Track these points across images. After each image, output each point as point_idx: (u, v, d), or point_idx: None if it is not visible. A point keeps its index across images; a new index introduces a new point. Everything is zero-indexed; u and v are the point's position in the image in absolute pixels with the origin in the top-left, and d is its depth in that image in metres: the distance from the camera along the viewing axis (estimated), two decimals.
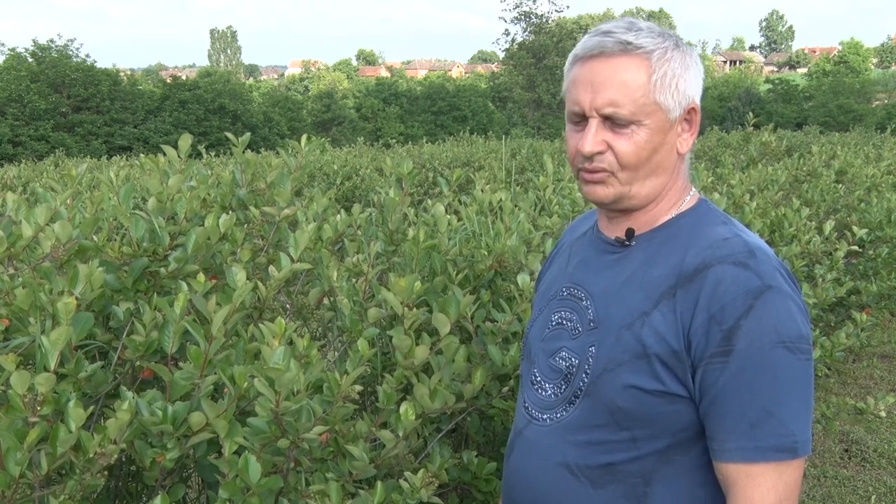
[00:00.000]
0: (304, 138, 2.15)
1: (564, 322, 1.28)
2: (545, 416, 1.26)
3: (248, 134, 2.15)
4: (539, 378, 1.29)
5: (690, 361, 1.12)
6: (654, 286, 1.17)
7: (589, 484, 1.19)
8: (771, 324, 1.08)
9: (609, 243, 1.27)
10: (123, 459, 1.68)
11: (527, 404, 1.31)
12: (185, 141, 1.95)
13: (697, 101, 1.20)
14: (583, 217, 1.47)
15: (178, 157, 1.96)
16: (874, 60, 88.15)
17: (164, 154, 1.98)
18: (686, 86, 1.17)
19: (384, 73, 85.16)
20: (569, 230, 1.48)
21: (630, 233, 1.23)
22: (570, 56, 1.21)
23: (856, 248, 3.93)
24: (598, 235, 1.31)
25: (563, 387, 1.24)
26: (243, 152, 2.10)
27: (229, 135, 2.24)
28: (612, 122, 1.15)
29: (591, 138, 1.16)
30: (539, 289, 1.44)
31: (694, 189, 1.27)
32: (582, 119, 1.18)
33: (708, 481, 1.16)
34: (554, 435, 1.24)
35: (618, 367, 1.16)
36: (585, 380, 1.20)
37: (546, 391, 1.27)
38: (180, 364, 1.44)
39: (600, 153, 1.17)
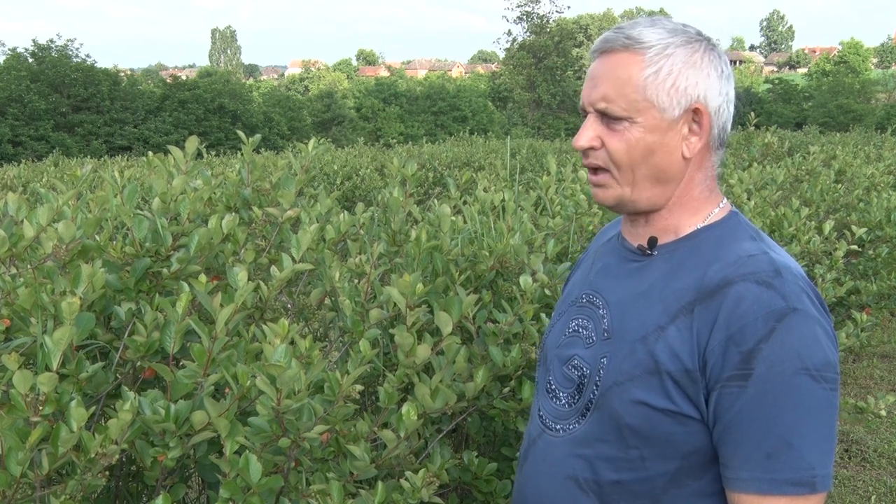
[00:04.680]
0: (312, 142, 2.15)
1: (580, 330, 1.24)
2: (558, 427, 1.22)
3: (258, 135, 2.15)
4: (554, 386, 1.26)
5: (705, 383, 1.06)
6: (673, 300, 1.12)
7: (597, 499, 1.16)
8: (794, 349, 1.02)
9: (631, 251, 1.23)
10: (124, 459, 1.68)
11: (542, 413, 1.27)
12: (192, 143, 1.95)
13: (709, 102, 1.14)
14: (613, 223, 1.42)
15: (184, 157, 1.96)
16: (874, 60, 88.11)
17: (167, 154, 1.98)
18: (688, 84, 1.12)
19: (384, 73, 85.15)
20: (598, 236, 1.44)
21: (652, 241, 1.19)
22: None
23: (855, 247, 3.93)
24: (621, 242, 1.26)
25: (576, 397, 1.20)
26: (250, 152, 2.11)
27: (240, 133, 2.23)
28: (607, 117, 1.13)
29: (584, 133, 1.15)
30: (562, 294, 1.41)
31: (725, 201, 1.21)
32: (585, 114, 1.17)
33: None
34: (565, 447, 1.20)
35: (628, 381, 1.11)
36: (596, 392, 1.16)
37: (560, 400, 1.23)
38: (181, 364, 1.44)
39: (593, 149, 1.15)
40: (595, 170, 1.17)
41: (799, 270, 1.12)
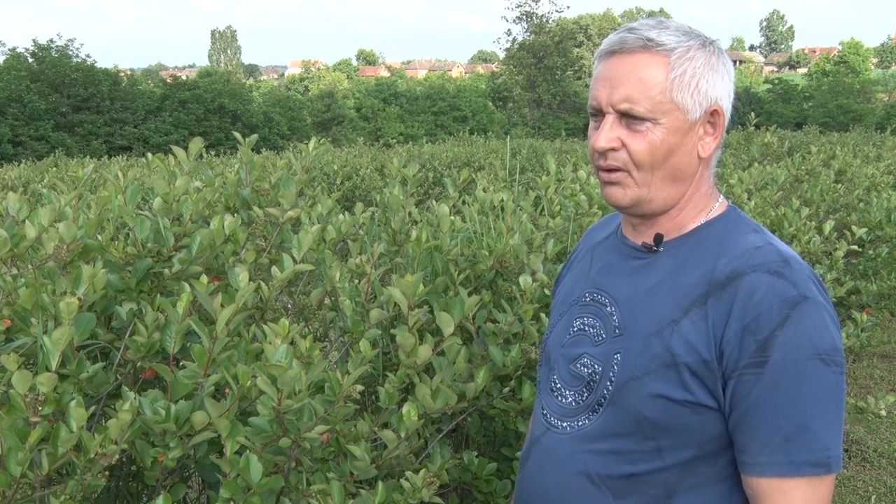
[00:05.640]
0: (313, 142, 2.15)
1: (587, 328, 1.25)
2: (565, 424, 1.23)
3: (255, 135, 2.16)
4: (559, 385, 1.26)
5: (722, 372, 1.09)
6: (684, 293, 1.14)
7: (610, 494, 1.17)
8: (807, 335, 1.06)
9: (635, 249, 1.24)
10: (124, 459, 1.68)
11: (545, 411, 1.28)
12: (196, 144, 1.95)
13: (723, 103, 1.17)
14: (603, 221, 1.44)
15: (188, 158, 1.96)
16: (874, 60, 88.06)
17: (167, 154, 1.98)
18: (708, 87, 1.14)
19: (384, 73, 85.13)
20: (588, 234, 1.45)
21: (659, 238, 1.20)
22: (596, 52, 1.20)
23: (855, 247, 3.93)
24: (622, 241, 1.28)
25: (586, 394, 1.21)
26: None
27: (237, 134, 2.24)
28: (628, 118, 1.13)
29: (605, 134, 1.14)
30: (557, 294, 1.41)
31: (722, 196, 1.24)
32: (599, 115, 1.16)
33: (732, 494, 1.14)
34: (574, 443, 1.21)
35: (644, 375, 1.13)
36: (610, 388, 1.17)
37: (566, 398, 1.24)
38: (182, 364, 1.44)
39: (614, 150, 1.15)
40: (610, 170, 1.17)
41: (802, 260, 1.15)
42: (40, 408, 1.21)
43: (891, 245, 4.49)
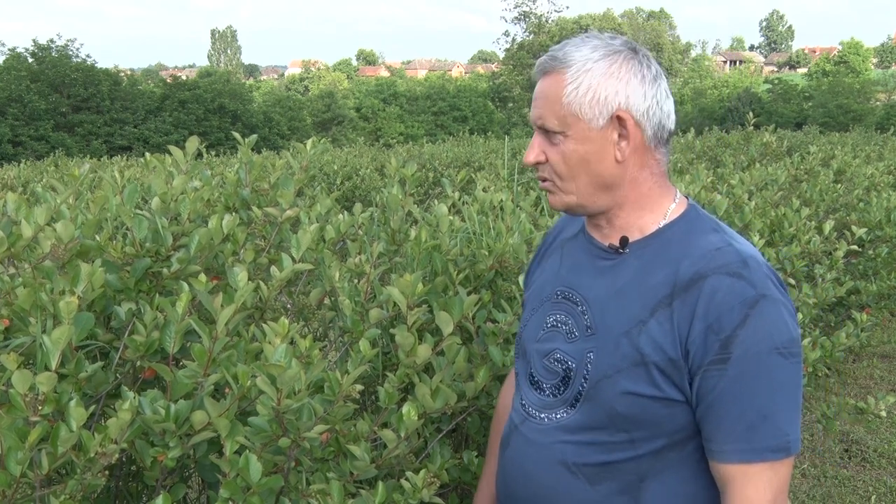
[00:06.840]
0: (310, 141, 2.15)
1: (559, 325, 1.31)
2: (543, 416, 1.30)
3: (255, 136, 2.16)
4: (537, 378, 1.33)
5: (688, 368, 1.16)
6: (651, 294, 1.20)
7: (586, 481, 1.24)
8: (766, 331, 1.13)
9: (602, 250, 1.30)
10: (124, 459, 1.68)
11: (524, 402, 1.35)
12: (192, 143, 1.95)
13: (632, 107, 1.21)
14: (570, 216, 1.48)
15: (184, 158, 1.96)
16: (874, 60, 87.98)
17: (167, 154, 1.98)
18: (607, 94, 1.20)
19: (384, 74, 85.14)
20: (556, 228, 1.50)
21: (624, 241, 1.26)
22: None
23: (855, 247, 3.93)
24: (589, 240, 1.33)
25: (562, 388, 1.28)
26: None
27: (236, 134, 2.25)
28: (547, 133, 1.24)
29: (531, 150, 1.27)
30: (530, 286, 1.47)
31: (680, 195, 1.29)
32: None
33: (698, 475, 1.22)
34: (553, 434, 1.28)
35: (616, 373, 1.20)
36: (585, 384, 1.24)
37: (544, 391, 1.31)
38: (181, 364, 1.44)
39: (541, 162, 1.26)
40: (542, 180, 1.27)
41: (760, 257, 1.21)
42: (40, 407, 1.21)
43: (891, 245, 4.49)
